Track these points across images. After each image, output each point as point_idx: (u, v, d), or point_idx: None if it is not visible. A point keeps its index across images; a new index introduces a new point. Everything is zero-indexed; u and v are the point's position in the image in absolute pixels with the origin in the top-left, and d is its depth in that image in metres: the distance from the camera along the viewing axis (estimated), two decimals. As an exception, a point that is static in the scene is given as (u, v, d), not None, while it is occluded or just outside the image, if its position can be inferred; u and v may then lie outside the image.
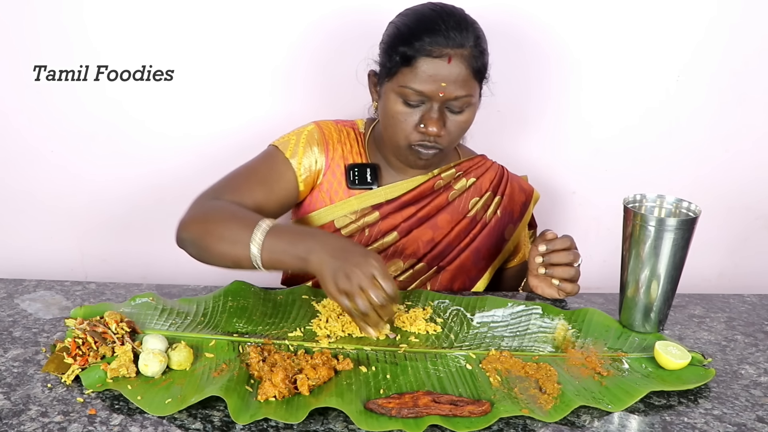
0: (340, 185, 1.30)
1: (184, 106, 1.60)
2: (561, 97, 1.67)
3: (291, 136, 1.30)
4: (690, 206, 1.11)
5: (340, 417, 0.86)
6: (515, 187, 1.41)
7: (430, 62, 1.16)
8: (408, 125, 1.21)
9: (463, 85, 1.18)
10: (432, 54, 1.16)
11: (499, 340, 1.07)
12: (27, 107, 1.56)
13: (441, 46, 1.16)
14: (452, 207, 1.34)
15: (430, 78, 1.16)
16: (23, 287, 1.17)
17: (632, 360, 1.03)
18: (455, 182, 1.35)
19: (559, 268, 1.20)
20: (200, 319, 1.07)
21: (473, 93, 1.20)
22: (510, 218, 1.40)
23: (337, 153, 1.31)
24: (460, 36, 1.17)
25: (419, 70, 1.16)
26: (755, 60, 1.65)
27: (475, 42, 1.18)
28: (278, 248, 1.05)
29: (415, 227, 1.32)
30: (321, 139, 1.30)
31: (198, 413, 0.85)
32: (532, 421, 0.87)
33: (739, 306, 1.26)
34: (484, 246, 1.37)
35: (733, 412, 0.92)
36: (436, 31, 1.16)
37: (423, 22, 1.18)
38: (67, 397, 0.87)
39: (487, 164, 1.40)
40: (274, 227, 1.07)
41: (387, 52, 1.22)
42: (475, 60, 1.18)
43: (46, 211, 1.63)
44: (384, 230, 1.30)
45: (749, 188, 1.75)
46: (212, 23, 1.54)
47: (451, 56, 1.16)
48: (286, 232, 1.07)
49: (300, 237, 1.06)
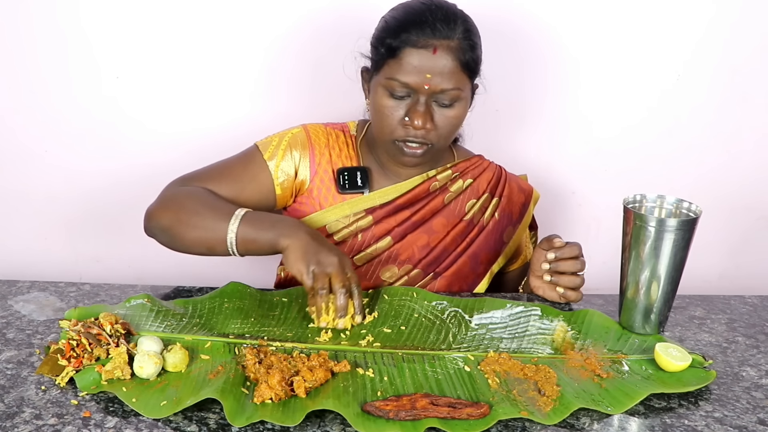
0: (330, 191, 1.28)
1: (181, 105, 1.59)
2: (561, 97, 1.67)
3: (274, 137, 1.29)
4: (690, 206, 1.11)
5: (337, 419, 0.85)
6: (514, 188, 1.38)
7: (415, 53, 1.14)
8: (394, 119, 1.19)
9: (450, 77, 1.16)
10: (417, 45, 1.14)
11: (497, 342, 1.06)
12: (21, 107, 1.55)
13: (426, 36, 1.14)
14: (448, 210, 1.32)
15: (415, 69, 1.15)
16: (17, 288, 1.16)
17: (632, 362, 1.02)
18: (451, 184, 1.32)
19: (565, 277, 1.18)
20: (196, 321, 1.06)
21: (462, 86, 1.18)
22: (509, 220, 1.37)
23: (324, 158, 1.28)
24: (447, 28, 1.15)
25: (404, 62, 1.15)
26: (756, 59, 1.65)
27: (463, 34, 1.17)
28: (252, 233, 1.10)
29: (410, 232, 1.29)
30: (305, 143, 1.28)
31: (193, 415, 0.84)
32: (531, 424, 0.86)
33: (740, 307, 1.25)
34: (482, 250, 1.34)
35: (734, 414, 0.91)
36: (422, 22, 1.15)
37: (410, 14, 1.17)
38: (61, 399, 0.86)
39: (485, 164, 1.38)
40: (248, 213, 1.12)
41: (375, 45, 1.21)
42: (463, 52, 1.16)
43: (40, 211, 1.63)
44: (377, 235, 1.28)
45: (750, 188, 1.75)
46: (204, 19, 1.53)
47: (436, 47, 1.14)
48: (262, 218, 1.11)
49: (275, 221, 1.10)
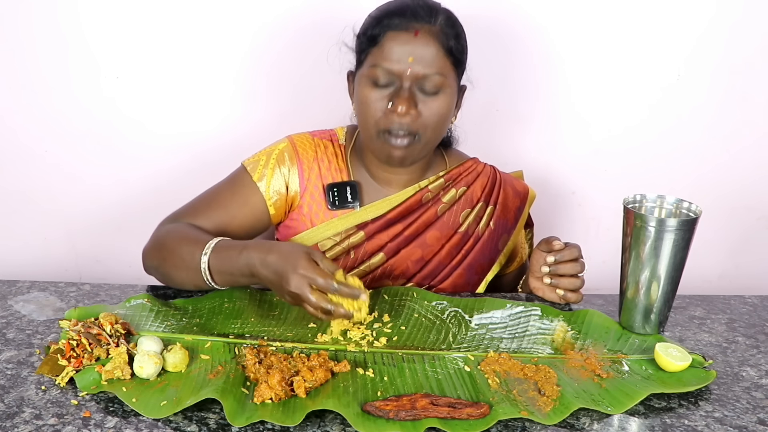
0: (320, 207, 1.25)
1: (181, 105, 1.59)
2: (561, 97, 1.67)
3: (261, 155, 1.25)
4: (690, 206, 1.11)
5: (337, 419, 0.85)
6: (509, 193, 1.34)
7: (396, 36, 1.13)
8: (378, 109, 1.15)
9: (433, 62, 1.13)
10: (398, 28, 1.13)
11: (497, 342, 1.06)
12: (21, 107, 1.55)
13: (408, 20, 1.13)
14: (442, 222, 1.28)
15: (396, 53, 1.12)
16: (17, 288, 1.16)
17: (632, 362, 1.02)
18: (444, 194, 1.29)
19: (565, 279, 1.18)
20: (196, 321, 1.06)
21: (445, 73, 1.15)
22: (504, 228, 1.34)
23: (314, 173, 1.25)
24: (429, 14, 1.14)
25: (386, 47, 1.13)
26: (756, 58, 1.65)
27: (446, 21, 1.15)
28: (224, 269, 1.05)
29: (403, 247, 1.26)
30: (293, 157, 1.24)
31: (193, 415, 0.84)
32: (531, 424, 0.86)
33: (740, 307, 1.25)
34: (477, 261, 1.30)
35: (734, 414, 0.91)
36: (403, 10, 1.14)
37: (392, 5, 1.17)
38: (61, 399, 0.86)
39: (478, 169, 1.33)
40: (216, 246, 1.07)
41: (359, 38, 1.20)
42: (446, 37, 1.14)
43: (40, 211, 1.63)
44: (370, 251, 1.25)
45: (750, 188, 1.75)
46: (204, 19, 1.53)
47: (418, 30, 1.12)
48: (225, 250, 1.05)
49: (236, 253, 1.03)
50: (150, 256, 1.17)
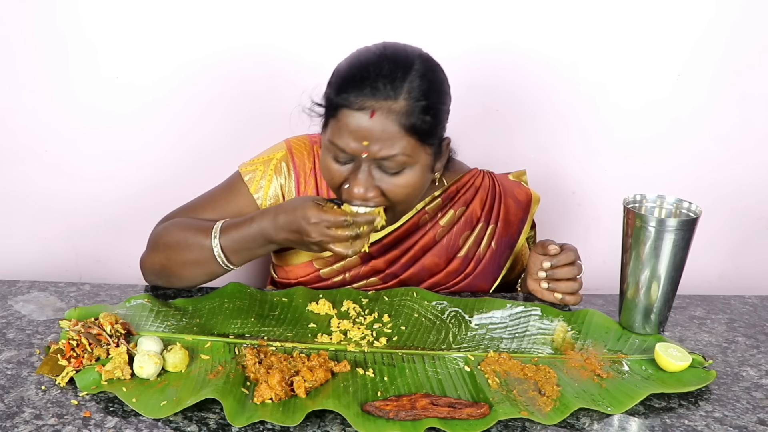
0: None
1: (181, 106, 1.59)
2: (561, 97, 1.66)
3: (259, 164, 1.21)
4: (690, 207, 1.11)
5: (337, 420, 0.85)
6: (510, 206, 1.28)
7: (351, 115, 1.04)
8: (339, 180, 1.10)
9: (392, 143, 1.04)
10: (353, 106, 1.03)
11: (497, 342, 1.06)
12: (21, 107, 1.55)
13: (364, 97, 1.03)
14: (440, 247, 1.23)
15: (351, 134, 1.04)
16: (17, 288, 1.16)
17: (632, 362, 1.02)
18: (442, 216, 1.23)
19: (562, 283, 1.17)
20: (196, 321, 1.06)
21: (410, 152, 1.05)
22: (507, 244, 1.29)
23: (310, 186, 1.20)
24: (391, 87, 1.03)
25: (341, 123, 1.05)
26: (756, 58, 1.65)
27: (412, 92, 1.04)
28: (239, 246, 1.08)
29: (400, 274, 1.22)
30: (290, 169, 1.20)
31: (194, 415, 0.84)
32: (531, 424, 0.87)
33: (740, 307, 1.25)
34: (479, 281, 1.27)
35: (734, 414, 0.91)
36: (362, 80, 1.03)
37: (354, 68, 1.06)
38: (61, 399, 0.86)
39: (476, 183, 1.27)
40: (223, 228, 1.10)
41: (324, 95, 1.10)
42: (408, 115, 1.03)
43: (40, 211, 1.62)
44: (365, 275, 1.22)
45: (750, 188, 1.75)
46: (204, 20, 1.53)
47: (374, 110, 1.02)
48: (234, 228, 1.09)
49: (246, 227, 1.08)
50: (151, 261, 1.17)
